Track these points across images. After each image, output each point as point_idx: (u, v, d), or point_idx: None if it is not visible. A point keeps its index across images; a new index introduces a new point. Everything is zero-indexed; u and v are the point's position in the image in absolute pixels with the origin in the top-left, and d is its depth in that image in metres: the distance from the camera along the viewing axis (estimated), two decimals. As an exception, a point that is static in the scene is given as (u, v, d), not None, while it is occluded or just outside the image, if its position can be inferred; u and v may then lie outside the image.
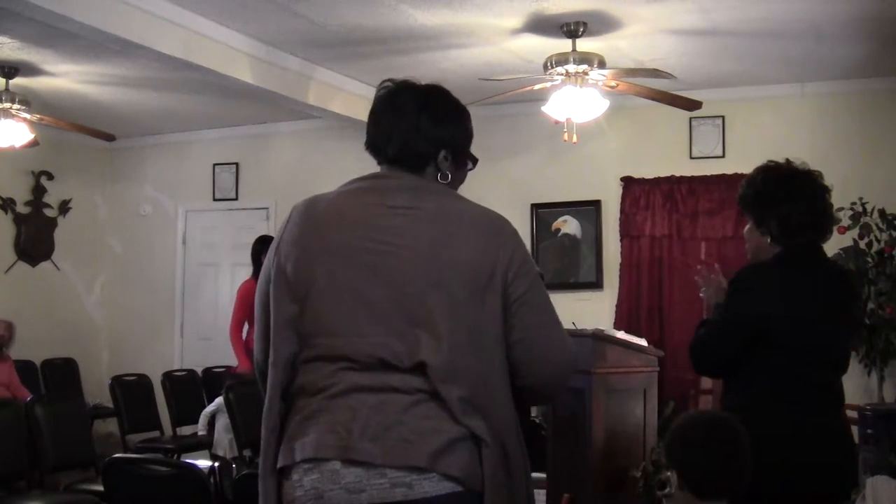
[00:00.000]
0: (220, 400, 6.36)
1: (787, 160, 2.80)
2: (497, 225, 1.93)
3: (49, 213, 8.27)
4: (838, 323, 2.69)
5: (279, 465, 1.83)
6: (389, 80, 2.05)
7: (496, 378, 1.85)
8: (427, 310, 1.80)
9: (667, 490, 2.32)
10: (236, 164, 8.31)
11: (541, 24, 5.24)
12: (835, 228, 6.16)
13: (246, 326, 6.38)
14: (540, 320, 1.90)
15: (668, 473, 2.33)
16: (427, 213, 1.89)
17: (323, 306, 1.86)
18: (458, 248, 1.85)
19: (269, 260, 1.97)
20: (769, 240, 2.72)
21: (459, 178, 2.06)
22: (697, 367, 2.88)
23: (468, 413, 1.77)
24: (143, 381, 7.11)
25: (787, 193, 2.70)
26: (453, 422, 1.76)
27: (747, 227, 2.82)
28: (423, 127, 1.97)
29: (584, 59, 5.18)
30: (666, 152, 6.90)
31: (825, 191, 2.74)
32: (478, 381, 1.81)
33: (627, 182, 6.97)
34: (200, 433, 6.53)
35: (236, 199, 8.31)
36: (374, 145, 2.03)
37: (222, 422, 6.20)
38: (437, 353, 1.77)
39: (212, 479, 5.45)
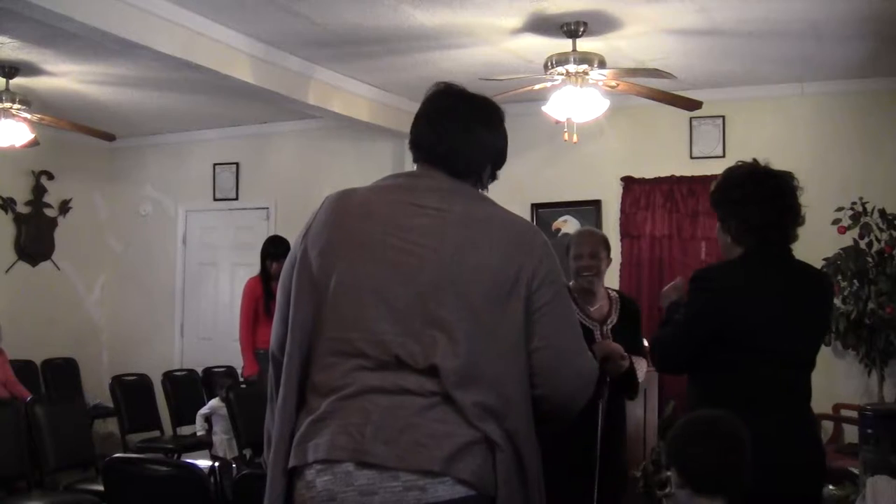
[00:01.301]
0: (214, 402, 6.38)
1: (755, 160, 2.80)
2: (527, 233, 1.93)
3: (49, 212, 8.27)
4: (803, 323, 2.66)
5: (290, 464, 1.82)
6: (444, 83, 2.07)
7: (513, 385, 1.83)
8: (446, 312, 1.80)
9: (667, 490, 2.32)
10: (236, 164, 8.30)
11: (541, 24, 5.24)
12: (835, 228, 6.22)
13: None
14: (561, 331, 1.89)
15: (668, 473, 2.33)
16: (455, 216, 1.89)
17: (342, 299, 1.85)
18: (484, 252, 1.85)
19: (294, 247, 1.99)
20: (730, 240, 2.74)
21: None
22: (659, 365, 2.91)
23: (483, 418, 1.76)
24: (143, 381, 7.12)
25: (743, 194, 2.71)
26: (467, 425, 1.75)
27: (717, 226, 2.84)
28: (482, 142, 2.02)
29: (585, 59, 5.17)
30: (666, 152, 6.90)
31: (788, 193, 2.71)
32: (494, 386, 1.79)
33: (627, 182, 6.97)
34: (199, 434, 6.54)
35: (236, 199, 8.31)
36: (419, 143, 2.02)
37: (220, 424, 6.21)
38: (452, 357, 1.77)
39: (212, 479, 5.46)
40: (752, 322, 2.60)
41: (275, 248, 6.36)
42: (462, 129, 1.99)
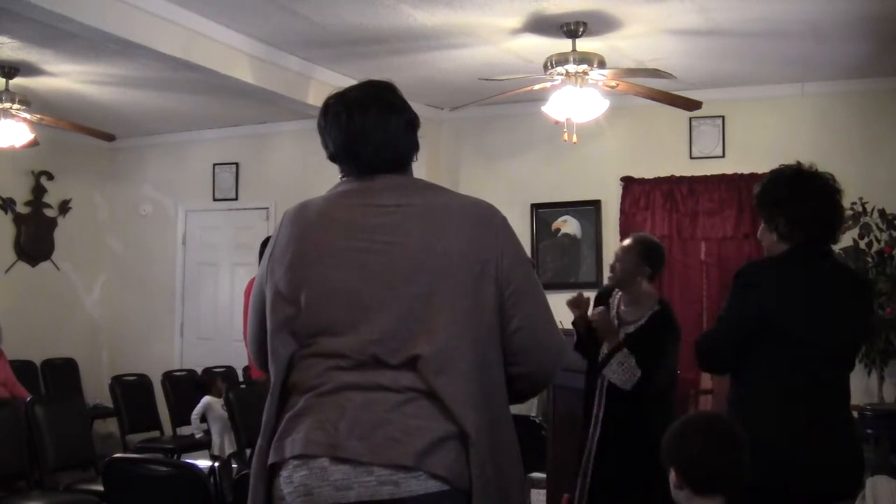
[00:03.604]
0: (205, 399, 6.41)
1: (798, 163, 2.83)
2: (486, 215, 1.96)
3: (49, 213, 8.26)
4: (843, 321, 2.67)
5: (270, 461, 1.85)
6: (331, 95, 2.06)
7: (491, 368, 1.88)
8: (420, 305, 1.83)
9: (666, 490, 2.32)
10: (236, 164, 8.30)
11: (541, 24, 5.24)
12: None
13: None
14: (538, 308, 1.94)
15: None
16: (416, 209, 1.92)
17: (319, 308, 1.88)
18: (450, 239, 1.88)
19: (262, 267, 2.01)
20: (776, 238, 2.76)
21: None
22: (701, 364, 2.93)
23: (464, 404, 1.78)
24: (143, 381, 7.13)
25: (791, 192, 2.74)
26: (442, 420, 1.78)
27: (761, 227, 2.86)
28: (401, 128, 2.01)
29: (584, 59, 5.17)
30: (666, 152, 6.90)
31: (834, 192, 2.76)
32: (473, 371, 1.82)
33: (627, 182, 6.97)
34: (198, 436, 6.55)
35: (236, 199, 8.30)
36: (344, 156, 2.02)
37: (215, 422, 6.24)
38: (430, 345, 1.80)
39: (212, 479, 5.47)
40: (788, 318, 2.61)
41: None
42: (388, 128, 1.99)
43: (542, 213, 7.22)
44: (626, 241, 3.97)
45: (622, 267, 3.84)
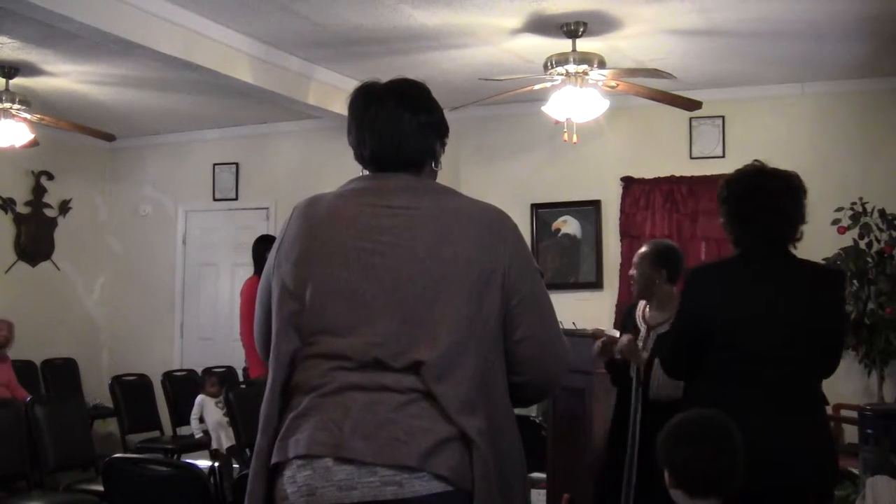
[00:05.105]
0: (200, 398, 6.42)
1: (757, 161, 2.82)
2: (497, 221, 1.95)
3: (49, 213, 8.26)
4: (792, 322, 2.61)
5: (273, 461, 1.84)
6: (361, 85, 2.05)
7: (493, 375, 1.87)
8: (425, 308, 1.82)
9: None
10: (236, 164, 8.30)
11: (541, 24, 5.24)
12: (835, 228, 6.21)
13: None
14: (543, 318, 1.93)
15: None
16: (426, 212, 1.91)
17: (322, 306, 1.87)
18: (458, 245, 1.87)
19: (270, 260, 2.00)
20: (729, 240, 2.78)
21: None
22: (666, 371, 2.97)
23: (463, 411, 1.78)
24: (143, 381, 7.14)
25: (728, 192, 2.75)
26: (445, 421, 1.77)
27: None
28: (422, 127, 2.00)
29: (584, 59, 5.18)
30: (666, 152, 6.90)
31: (775, 189, 2.68)
32: (474, 378, 1.82)
33: (627, 182, 6.97)
34: (197, 436, 6.55)
35: (236, 199, 8.30)
36: (363, 153, 2.02)
37: (210, 417, 6.26)
38: (432, 350, 1.79)
39: (212, 479, 5.47)
40: (728, 322, 2.60)
41: (265, 246, 6.35)
42: (399, 124, 1.97)
43: (542, 213, 7.22)
44: (641, 249, 4.01)
45: (639, 273, 3.89)
